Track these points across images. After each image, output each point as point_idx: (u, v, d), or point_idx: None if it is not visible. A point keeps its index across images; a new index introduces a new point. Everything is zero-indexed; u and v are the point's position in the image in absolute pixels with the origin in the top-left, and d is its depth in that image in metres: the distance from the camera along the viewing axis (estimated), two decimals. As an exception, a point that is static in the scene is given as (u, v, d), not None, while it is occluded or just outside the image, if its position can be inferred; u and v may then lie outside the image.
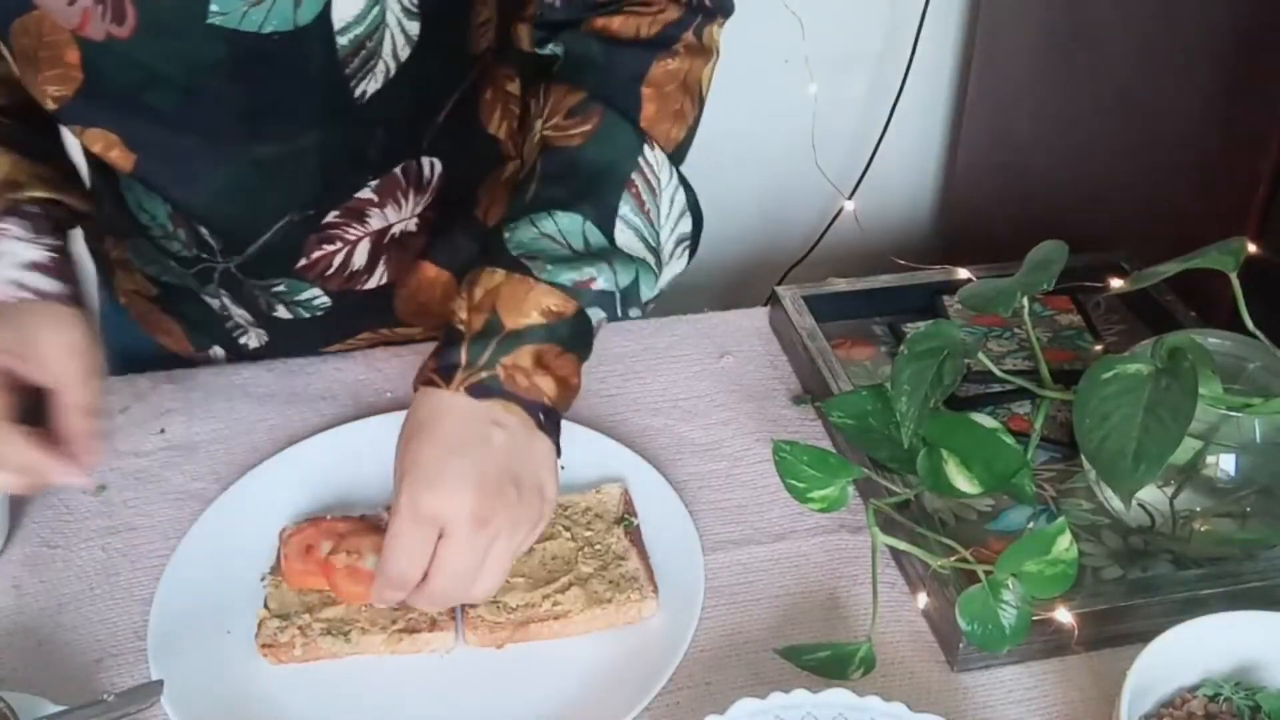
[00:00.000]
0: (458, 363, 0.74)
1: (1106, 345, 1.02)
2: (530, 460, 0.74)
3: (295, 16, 0.77)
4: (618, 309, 0.79)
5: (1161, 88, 1.18)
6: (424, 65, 0.84)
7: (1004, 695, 0.76)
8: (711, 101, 1.74)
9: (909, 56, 1.61)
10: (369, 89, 0.83)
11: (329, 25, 0.78)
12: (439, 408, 0.73)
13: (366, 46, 0.81)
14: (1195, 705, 0.70)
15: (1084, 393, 0.77)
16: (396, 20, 0.81)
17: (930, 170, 1.79)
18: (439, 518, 0.71)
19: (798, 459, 0.82)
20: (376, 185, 0.92)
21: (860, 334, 1.07)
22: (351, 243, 0.94)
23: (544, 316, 0.75)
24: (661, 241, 0.83)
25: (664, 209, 0.83)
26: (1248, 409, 0.77)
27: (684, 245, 0.86)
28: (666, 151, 0.83)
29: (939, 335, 0.84)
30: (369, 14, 0.79)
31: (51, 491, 0.89)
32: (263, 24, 0.77)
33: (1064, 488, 0.90)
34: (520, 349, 0.74)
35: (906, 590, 0.82)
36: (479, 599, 0.75)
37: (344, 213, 0.92)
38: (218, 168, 0.87)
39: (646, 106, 0.82)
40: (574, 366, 0.77)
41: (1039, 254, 0.90)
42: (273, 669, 0.77)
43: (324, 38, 0.79)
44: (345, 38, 0.80)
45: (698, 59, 0.85)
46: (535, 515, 0.74)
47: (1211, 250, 0.80)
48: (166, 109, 0.81)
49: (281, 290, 0.96)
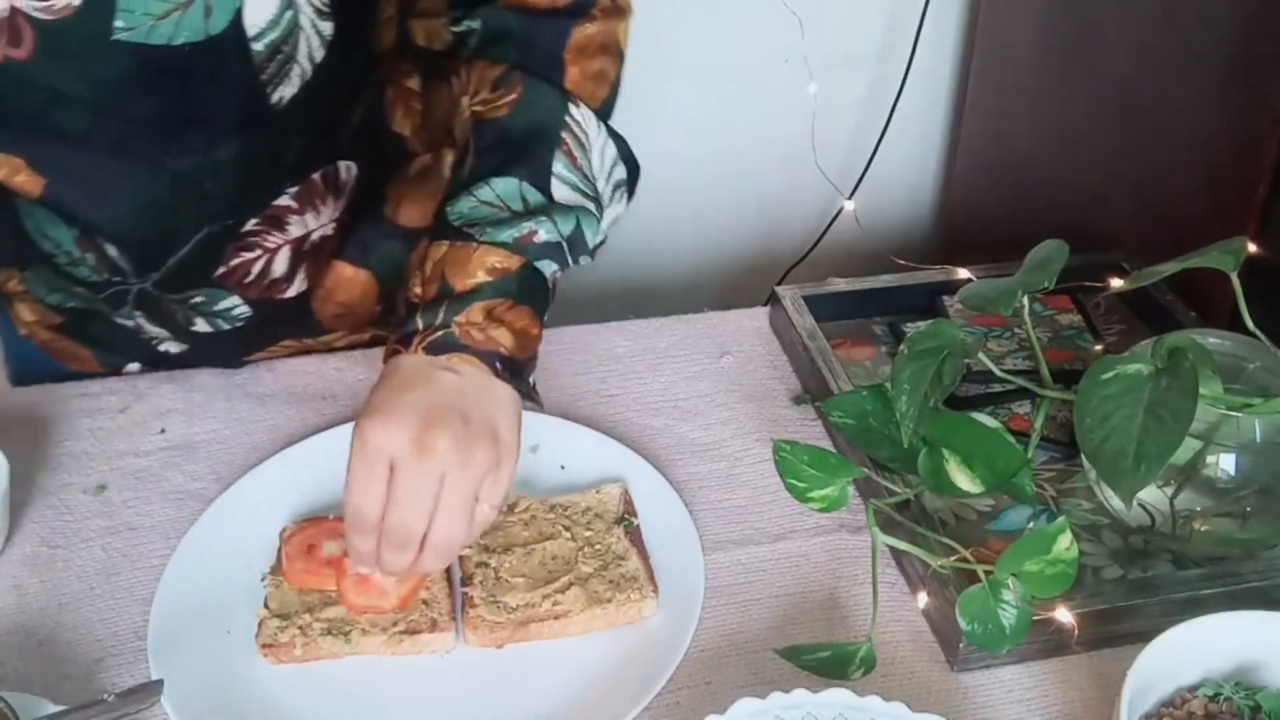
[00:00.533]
0: (415, 329, 0.77)
1: (1106, 345, 1.02)
2: (483, 400, 0.75)
3: (207, 26, 0.75)
4: (567, 258, 0.83)
5: (1161, 88, 1.18)
6: (337, 67, 0.84)
7: (1004, 695, 0.76)
8: (712, 101, 1.75)
9: (909, 56, 1.60)
10: (285, 95, 0.82)
11: (242, 32, 0.77)
12: (398, 366, 0.76)
13: (282, 51, 0.80)
14: (1195, 705, 0.70)
15: (1084, 393, 0.77)
16: (310, 22, 0.80)
17: (930, 170, 1.79)
18: (384, 449, 0.72)
19: (798, 459, 0.82)
20: (295, 192, 0.91)
21: (860, 334, 1.07)
22: (271, 250, 0.93)
23: (490, 274, 0.78)
24: (599, 190, 0.86)
25: (596, 161, 0.86)
26: (1248, 409, 0.77)
27: (620, 190, 0.90)
28: (593, 108, 0.86)
29: (939, 335, 0.84)
30: (282, 18, 0.78)
31: (51, 491, 0.90)
32: (173, 36, 0.75)
33: (1064, 488, 0.90)
34: (471, 306, 0.77)
35: (906, 590, 0.82)
36: (443, 542, 0.73)
37: (263, 221, 0.91)
38: (132, 185, 0.84)
39: (570, 70, 0.85)
40: (531, 317, 0.80)
41: (1039, 254, 0.90)
42: (273, 669, 0.77)
43: (238, 46, 0.77)
44: (260, 44, 0.78)
45: (614, 19, 0.89)
46: (489, 454, 0.74)
47: (1211, 250, 0.80)
48: (75, 129, 0.79)
49: (199, 302, 0.94)
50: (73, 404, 0.97)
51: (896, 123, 1.65)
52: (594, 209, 0.85)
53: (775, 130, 1.65)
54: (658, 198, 1.72)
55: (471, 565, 0.82)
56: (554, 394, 0.99)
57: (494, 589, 0.80)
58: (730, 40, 1.60)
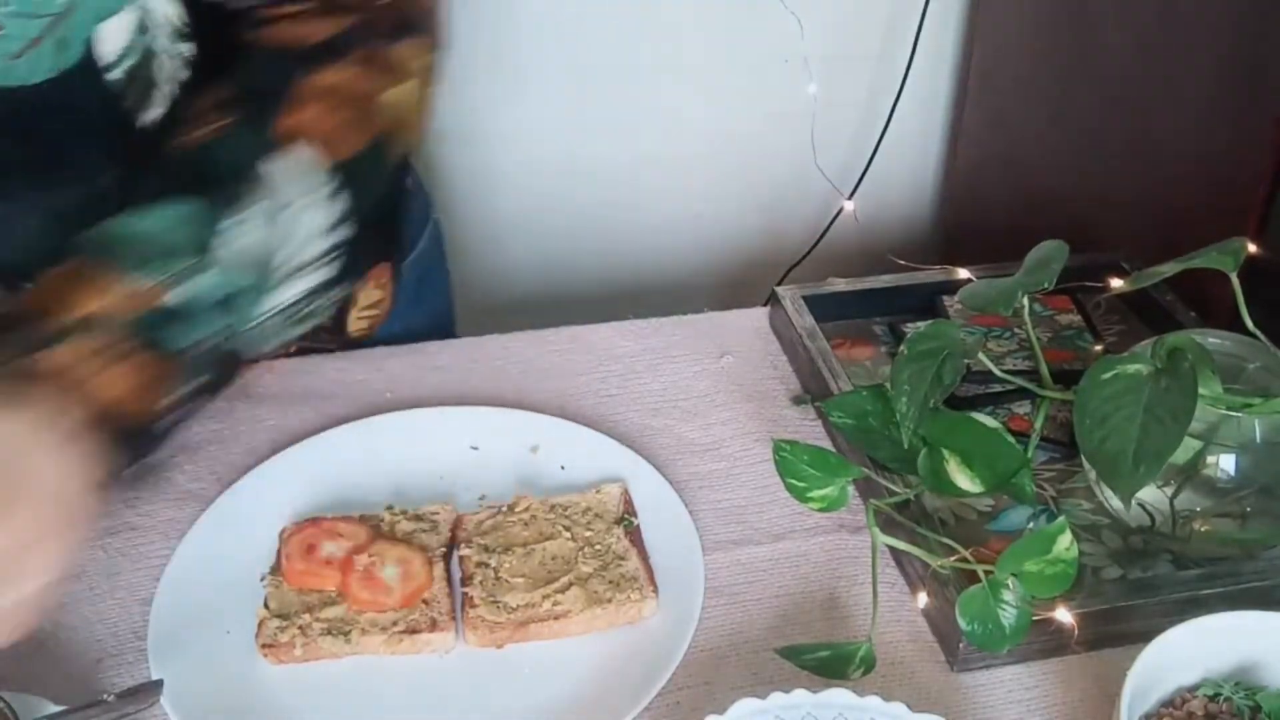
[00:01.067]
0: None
1: (1106, 345, 1.02)
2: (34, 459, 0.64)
3: (60, 60, 0.74)
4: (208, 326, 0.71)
5: (1161, 88, 1.18)
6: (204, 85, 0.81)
7: (1004, 695, 0.76)
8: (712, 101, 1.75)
9: (909, 56, 1.60)
10: (151, 117, 0.80)
11: (95, 63, 0.76)
12: None
13: (140, 76, 0.78)
14: (1195, 705, 0.70)
15: (1084, 393, 0.77)
16: (166, 45, 0.79)
17: (930, 170, 1.79)
18: None
19: (798, 458, 0.82)
20: None
21: (860, 334, 1.07)
22: None
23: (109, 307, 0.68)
24: (284, 257, 0.74)
25: (295, 220, 0.75)
26: (1248, 409, 0.77)
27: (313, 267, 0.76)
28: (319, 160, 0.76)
29: (939, 335, 0.84)
30: (136, 44, 0.77)
31: (51, 491, 0.90)
32: (29, 75, 0.74)
33: (1064, 488, 0.90)
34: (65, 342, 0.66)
35: (906, 590, 0.82)
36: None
37: None
38: (19, 227, 0.82)
39: (295, 113, 0.76)
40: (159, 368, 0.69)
41: (1039, 254, 0.90)
42: (273, 669, 0.77)
43: (94, 76, 0.76)
44: (116, 72, 0.77)
45: (377, 76, 0.79)
46: None
47: (1211, 250, 0.80)
48: None
49: None
50: (73, 404, 0.97)
51: (896, 123, 1.65)
52: (262, 280, 0.73)
53: (775, 130, 1.65)
54: (658, 198, 1.73)
55: (471, 565, 0.82)
56: (554, 394, 0.99)
57: (494, 589, 0.80)
58: (730, 41, 1.60)
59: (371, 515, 0.85)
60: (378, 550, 0.81)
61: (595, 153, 1.65)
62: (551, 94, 1.57)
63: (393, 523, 0.85)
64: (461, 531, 0.84)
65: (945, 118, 1.75)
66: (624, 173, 1.67)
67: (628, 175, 1.68)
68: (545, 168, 1.61)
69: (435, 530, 0.84)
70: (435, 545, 0.83)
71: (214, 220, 0.71)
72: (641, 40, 1.59)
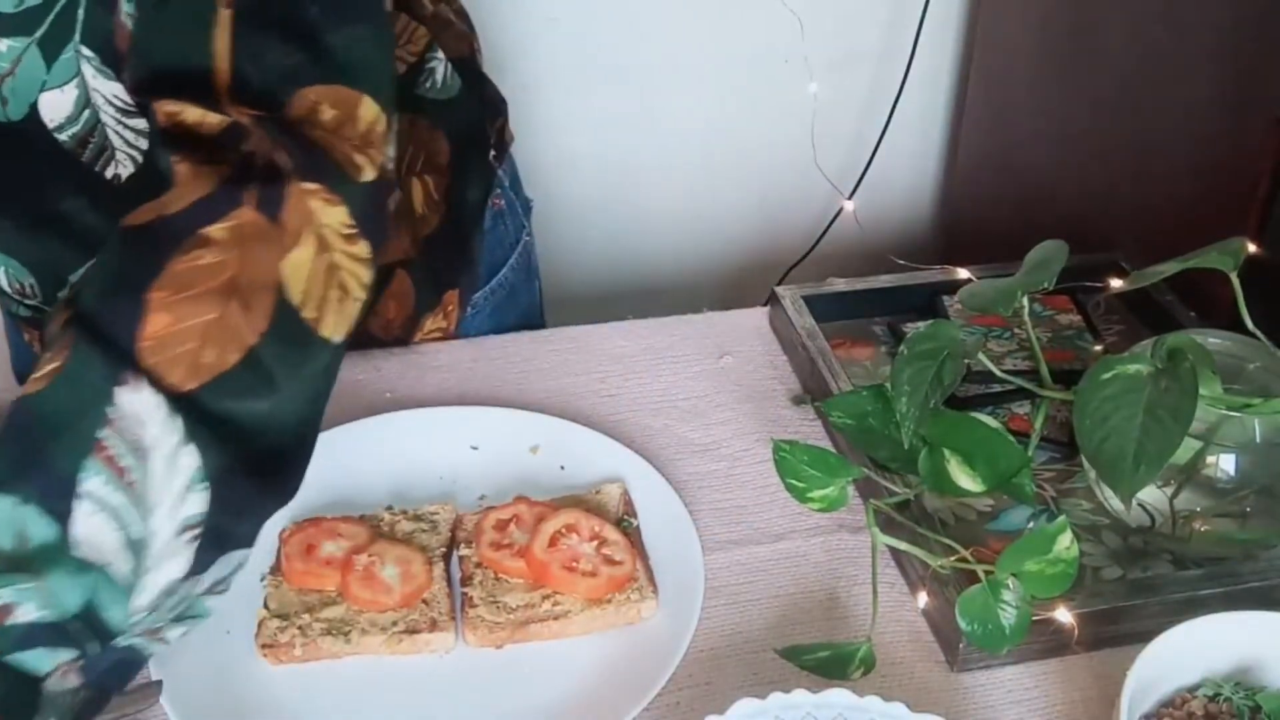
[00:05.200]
0: None
1: (1106, 345, 1.02)
2: None
3: (5, 112, 0.73)
4: (78, 645, 0.57)
5: (1161, 87, 1.18)
6: None
7: (1004, 695, 0.76)
8: (712, 101, 1.75)
9: (909, 56, 1.60)
10: (122, 173, 0.77)
11: (43, 123, 0.74)
12: None
13: (92, 142, 0.75)
14: (1195, 705, 0.70)
15: (1084, 393, 0.77)
16: (115, 120, 0.75)
17: (930, 170, 1.79)
18: None
19: (798, 459, 0.82)
20: None
21: (860, 334, 1.07)
22: None
23: None
24: (152, 528, 0.58)
25: (157, 479, 0.58)
26: (1248, 409, 0.77)
27: (191, 533, 0.60)
28: (178, 390, 0.59)
29: (939, 335, 0.84)
30: (80, 115, 0.75)
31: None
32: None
33: (1064, 488, 0.90)
34: None
35: (906, 590, 0.82)
36: None
37: None
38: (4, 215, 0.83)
39: (152, 320, 0.58)
40: None
41: (1039, 254, 0.90)
42: (273, 669, 0.77)
43: (42, 134, 0.75)
44: (63, 135, 0.75)
45: (263, 246, 0.61)
46: None
47: (1211, 250, 0.80)
48: None
49: None
50: (73, 404, 0.97)
51: (896, 123, 1.65)
52: (128, 569, 0.58)
53: (775, 130, 1.65)
54: (658, 198, 1.73)
55: (471, 565, 0.82)
56: (554, 394, 0.99)
57: (493, 589, 0.80)
58: (730, 40, 1.60)
59: (371, 515, 0.85)
60: (377, 550, 0.81)
61: (595, 152, 1.65)
62: (551, 93, 1.58)
63: (393, 523, 0.85)
64: (461, 531, 0.84)
65: (945, 117, 1.75)
66: (624, 172, 1.67)
67: (627, 175, 1.68)
68: (545, 168, 1.61)
69: (435, 530, 0.84)
70: (435, 545, 0.83)
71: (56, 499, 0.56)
72: (642, 40, 1.59)
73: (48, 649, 0.56)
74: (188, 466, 0.59)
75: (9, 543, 0.55)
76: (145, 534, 0.58)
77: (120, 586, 0.58)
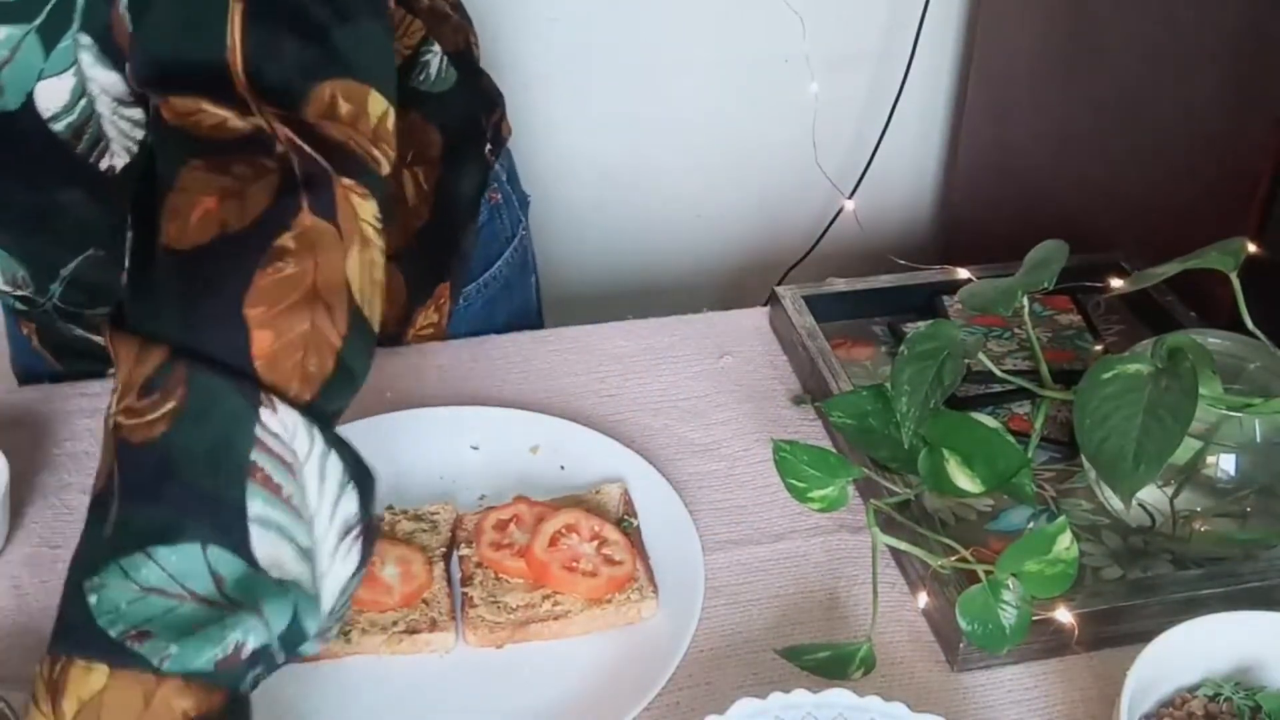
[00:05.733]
0: None
1: (1106, 345, 1.02)
2: None
3: (3, 101, 0.73)
4: (278, 661, 0.59)
5: (1161, 88, 1.18)
6: None
7: (1004, 695, 0.76)
8: (712, 101, 1.75)
9: (909, 56, 1.61)
10: (117, 164, 0.78)
11: (37, 113, 0.74)
12: None
13: (87, 133, 0.76)
14: (1195, 705, 0.70)
15: (1084, 393, 0.77)
16: (111, 110, 0.75)
17: (930, 170, 1.79)
18: None
19: (798, 459, 0.82)
20: None
21: (860, 334, 1.07)
22: None
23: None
24: (317, 536, 0.59)
25: (311, 489, 0.59)
26: (1248, 409, 0.77)
27: (353, 533, 0.61)
28: (301, 402, 0.59)
29: (939, 335, 0.84)
30: (76, 105, 0.74)
31: (51, 491, 0.89)
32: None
33: (1064, 488, 0.90)
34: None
35: (906, 590, 0.82)
36: None
37: None
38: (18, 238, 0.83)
39: (257, 339, 0.58)
40: None
41: (1039, 254, 0.90)
42: (273, 669, 0.77)
43: (36, 124, 0.74)
44: (59, 125, 0.75)
45: (329, 251, 0.61)
46: None
47: (1211, 250, 0.80)
48: None
49: None
50: (73, 404, 0.97)
51: (896, 123, 1.65)
52: (309, 578, 0.59)
53: (776, 130, 1.65)
54: (658, 197, 1.73)
55: (471, 565, 0.82)
56: (554, 394, 0.99)
57: (494, 589, 0.80)
58: (731, 40, 1.60)
59: (371, 515, 0.85)
60: (378, 550, 0.81)
61: (595, 152, 1.65)
62: (551, 93, 1.58)
63: (393, 523, 0.85)
64: (461, 531, 0.84)
65: (945, 117, 1.75)
66: (623, 172, 1.67)
67: (627, 175, 1.68)
68: (545, 167, 1.61)
69: (435, 530, 0.84)
70: (435, 545, 0.83)
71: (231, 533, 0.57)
72: (642, 40, 1.59)
73: (263, 670, 0.58)
74: (335, 472, 0.60)
75: (207, 587, 0.56)
76: (312, 543, 0.59)
77: (310, 596, 0.59)
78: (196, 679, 0.55)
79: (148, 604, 0.55)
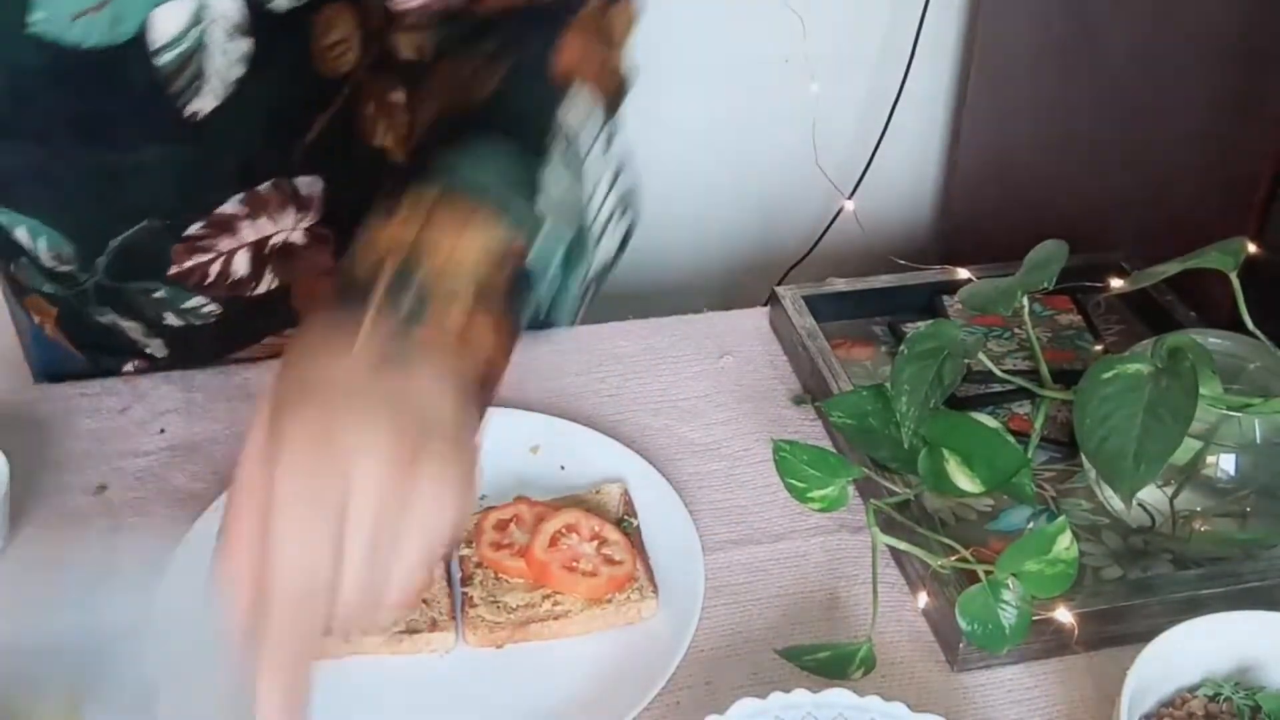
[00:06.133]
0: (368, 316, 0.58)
1: (1106, 345, 1.02)
2: None
3: (113, 34, 0.75)
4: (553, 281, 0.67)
5: (1161, 88, 1.18)
6: (265, 85, 0.81)
7: (1004, 695, 0.76)
8: (713, 101, 1.75)
9: (909, 57, 1.61)
10: (202, 108, 0.80)
11: (147, 44, 0.76)
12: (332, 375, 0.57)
13: (190, 66, 0.78)
14: (1195, 705, 0.70)
15: (1084, 393, 0.77)
16: (222, 39, 0.78)
17: (930, 170, 1.79)
18: None
19: (798, 459, 0.82)
20: (243, 199, 0.88)
21: (860, 334, 1.07)
22: (226, 253, 0.91)
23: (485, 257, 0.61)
24: (596, 203, 0.72)
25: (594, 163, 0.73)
26: (1248, 409, 0.77)
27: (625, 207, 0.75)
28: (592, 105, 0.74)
29: (939, 335, 0.84)
30: (189, 32, 0.76)
31: (51, 491, 0.89)
32: (83, 39, 0.74)
33: (1064, 488, 0.90)
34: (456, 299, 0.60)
35: (906, 590, 0.82)
36: None
37: (209, 225, 0.89)
38: (60, 172, 0.84)
39: (565, 54, 0.74)
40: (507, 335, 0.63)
41: (1039, 254, 0.90)
42: (273, 669, 0.77)
43: (142, 57, 0.76)
44: (166, 56, 0.77)
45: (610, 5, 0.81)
46: None
47: (1211, 250, 0.80)
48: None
49: (162, 297, 0.93)
50: (73, 404, 0.97)
51: (896, 123, 1.65)
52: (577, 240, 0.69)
53: (776, 130, 1.65)
54: (658, 198, 1.72)
55: (471, 565, 0.82)
56: (554, 394, 0.99)
57: (493, 589, 0.80)
58: (731, 40, 1.60)
59: (371, 515, 0.85)
60: None
61: (595, 152, 1.65)
62: (551, 94, 1.57)
63: (393, 523, 0.85)
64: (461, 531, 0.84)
65: (945, 117, 1.75)
66: (623, 172, 1.67)
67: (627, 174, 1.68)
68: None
69: (435, 530, 0.84)
70: (435, 545, 0.83)
71: (534, 168, 0.65)
72: (642, 40, 1.58)
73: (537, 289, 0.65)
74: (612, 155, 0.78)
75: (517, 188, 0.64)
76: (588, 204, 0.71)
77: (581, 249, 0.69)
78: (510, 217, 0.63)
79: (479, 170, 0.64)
